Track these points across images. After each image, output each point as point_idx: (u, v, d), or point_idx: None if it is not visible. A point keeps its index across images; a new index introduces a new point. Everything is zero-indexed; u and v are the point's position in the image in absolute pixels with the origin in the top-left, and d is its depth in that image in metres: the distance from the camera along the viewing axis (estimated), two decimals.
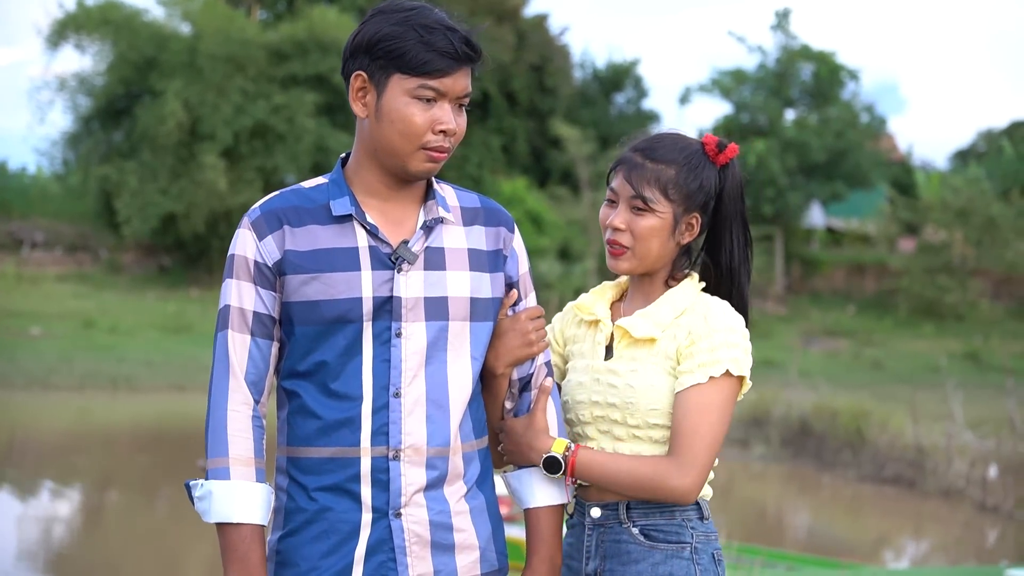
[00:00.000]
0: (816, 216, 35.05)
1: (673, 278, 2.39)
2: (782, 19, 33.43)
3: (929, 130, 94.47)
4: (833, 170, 32.44)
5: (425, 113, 2.14)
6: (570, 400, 2.38)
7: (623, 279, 2.48)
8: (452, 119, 2.15)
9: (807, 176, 32.54)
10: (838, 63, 33.25)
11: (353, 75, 2.17)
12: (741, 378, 2.27)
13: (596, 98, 36.34)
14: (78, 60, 52.89)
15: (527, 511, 2.31)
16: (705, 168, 2.36)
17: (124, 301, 25.51)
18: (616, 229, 2.34)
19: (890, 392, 18.74)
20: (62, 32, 29.64)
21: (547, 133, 32.47)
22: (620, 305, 2.45)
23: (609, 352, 2.37)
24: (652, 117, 36.78)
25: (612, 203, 2.38)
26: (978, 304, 30.25)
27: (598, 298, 2.46)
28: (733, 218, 2.39)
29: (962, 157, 40.20)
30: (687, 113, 60.87)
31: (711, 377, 2.23)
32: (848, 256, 34.94)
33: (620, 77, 36.85)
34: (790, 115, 33.62)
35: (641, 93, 37.21)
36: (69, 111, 30.64)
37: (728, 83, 33.47)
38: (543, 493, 2.30)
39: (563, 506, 2.32)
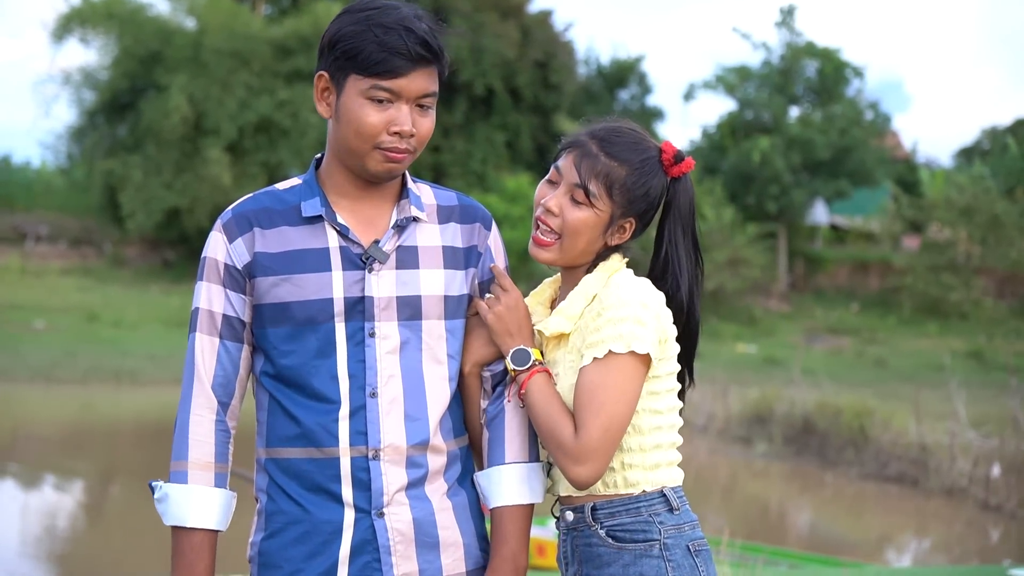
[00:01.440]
0: (820, 213, 34.98)
1: (595, 266, 2.29)
2: (787, 16, 33.36)
3: (934, 128, 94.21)
4: (837, 167, 32.38)
5: (380, 114, 2.11)
6: None
7: (558, 275, 2.38)
8: (407, 120, 2.12)
9: (811, 173, 32.49)
10: (843, 60, 33.19)
11: (316, 75, 2.16)
12: (647, 356, 2.13)
13: (600, 94, 36.28)
14: (83, 54, 52.95)
15: (493, 510, 2.25)
16: (656, 176, 2.26)
17: (128, 295, 25.54)
18: (549, 211, 2.26)
19: (893, 390, 18.71)
20: (67, 26, 29.67)
21: (551, 129, 32.40)
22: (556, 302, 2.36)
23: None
24: (656, 113, 36.73)
25: (553, 184, 2.29)
26: (982, 302, 30.18)
27: (535, 301, 2.37)
28: (684, 235, 2.28)
29: (967, 155, 40.11)
30: (691, 109, 60.81)
31: (595, 359, 2.12)
32: (852, 254, 34.89)
33: (624, 73, 36.79)
34: (794, 112, 33.56)
35: (645, 89, 37.17)
36: (74, 105, 30.70)
37: (732, 80, 33.41)
38: (511, 492, 2.23)
39: (531, 507, 2.26)
